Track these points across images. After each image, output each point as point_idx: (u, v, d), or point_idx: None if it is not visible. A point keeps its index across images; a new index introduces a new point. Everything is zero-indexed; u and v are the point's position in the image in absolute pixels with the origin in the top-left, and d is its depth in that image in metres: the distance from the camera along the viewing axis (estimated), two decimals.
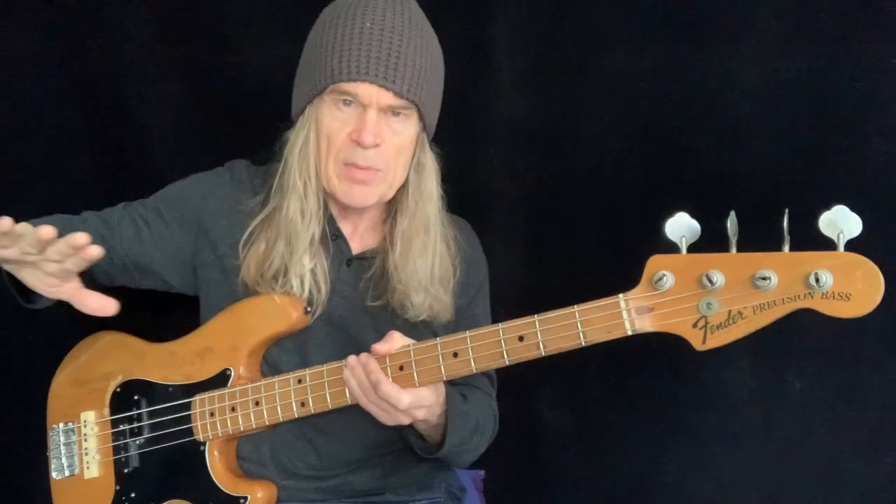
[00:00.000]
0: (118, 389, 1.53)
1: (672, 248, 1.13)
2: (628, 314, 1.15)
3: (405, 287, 1.42)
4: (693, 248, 1.12)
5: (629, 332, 1.16)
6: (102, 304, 1.27)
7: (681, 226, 1.12)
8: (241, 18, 1.83)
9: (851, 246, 1.05)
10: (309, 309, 1.44)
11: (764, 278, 1.07)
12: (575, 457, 1.91)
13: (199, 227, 1.49)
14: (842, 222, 1.05)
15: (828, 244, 1.06)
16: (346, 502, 1.50)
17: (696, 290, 1.11)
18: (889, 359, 1.74)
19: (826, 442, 1.78)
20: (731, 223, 1.09)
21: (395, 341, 1.28)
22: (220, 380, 1.47)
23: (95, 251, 1.20)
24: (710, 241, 1.12)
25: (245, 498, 1.43)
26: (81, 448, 1.55)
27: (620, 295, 1.16)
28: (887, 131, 1.68)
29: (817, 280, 1.05)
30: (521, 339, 1.21)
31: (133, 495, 1.51)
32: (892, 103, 1.68)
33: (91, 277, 1.40)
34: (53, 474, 1.57)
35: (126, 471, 1.52)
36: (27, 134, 1.90)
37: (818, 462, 1.79)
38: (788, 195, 1.60)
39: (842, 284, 1.05)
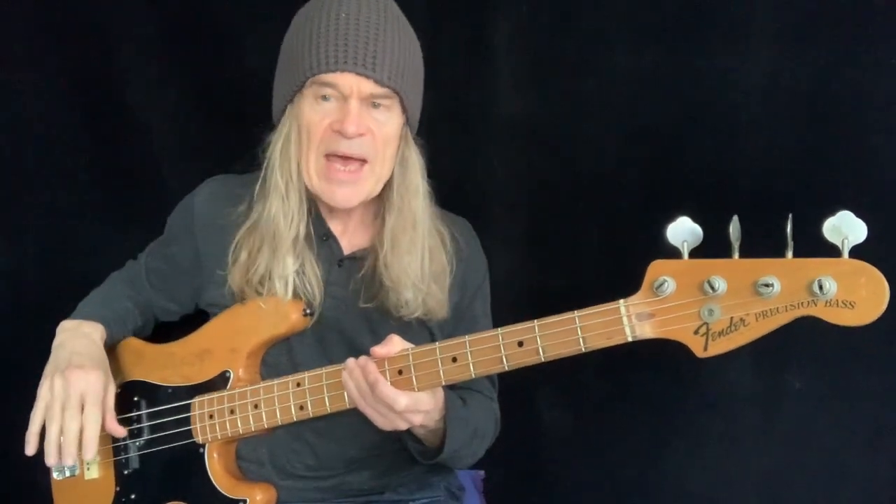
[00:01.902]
0: (118, 390, 1.52)
1: (674, 252, 1.11)
2: (629, 320, 1.13)
3: (395, 285, 1.41)
4: (695, 253, 1.10)
5: (630, 339, 1.14)
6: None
7: (682, 230, 1.10)
8: (241, 18, 1.83)
9: (856, 252, 1.03)
10: (308, 311, 1.44)
11: (767, 285, 1.05)
12: (575, 457, 1.90)
13: (196, 258, 1.52)
14: (846, 228, 1.02)
15: (832, 250, 1.04)
16: (346, 502, 1.50)
17: (697, 297, 1.09)
18: (889, 359, 1.73)
19: (826, 441, 1.78)
20: (734, 228, 1.07)
21: (395, 344, 1.27)
22: (220, 382, 1.46)
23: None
24: (713, 245, 1.10)
25: (244, 501, 1.42)
26: None
27: (621, 301, 1.14)
28: (888, 131, 1.67)
29: (821, 287, 1.02)
30: (520, 344, 1.19)
31: (133, 497, 1.51)
32: (893, 103, 1.67)
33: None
34: (54, 475, 1.57)
35: (126, 472, 1.52)
36: (27, 134, 1.91)
37: (818, 462, 1.79)
38: (790, 198, 1.59)
39: (846, 292, 1.03)
